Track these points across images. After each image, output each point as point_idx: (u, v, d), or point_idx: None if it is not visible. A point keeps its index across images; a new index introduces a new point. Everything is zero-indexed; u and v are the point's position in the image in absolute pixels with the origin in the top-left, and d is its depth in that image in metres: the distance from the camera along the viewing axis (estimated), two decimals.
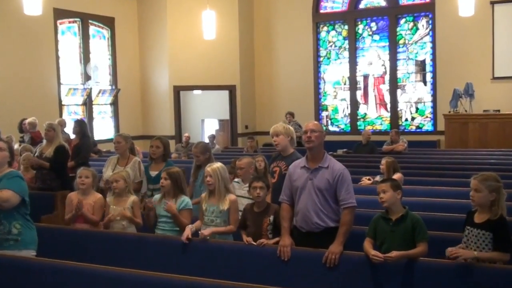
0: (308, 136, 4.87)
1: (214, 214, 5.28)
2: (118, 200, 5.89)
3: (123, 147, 7.23)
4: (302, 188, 4.85)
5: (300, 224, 4.86)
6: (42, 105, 14.21)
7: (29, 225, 4.85)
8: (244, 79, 17.97)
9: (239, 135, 17.97)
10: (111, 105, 17.15)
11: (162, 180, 5.58)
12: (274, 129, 5.91)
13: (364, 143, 13.17)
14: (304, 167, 4.91)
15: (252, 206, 5.28)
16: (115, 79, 17.12)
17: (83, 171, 6.13)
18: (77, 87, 15.75)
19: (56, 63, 14.92)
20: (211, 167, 5.37)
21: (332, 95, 18.03)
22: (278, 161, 5.88)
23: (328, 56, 17.97)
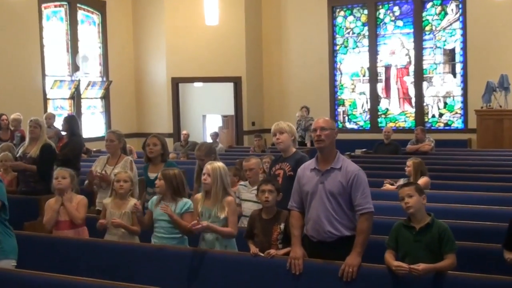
0: (318, 134, 4.85)
1: (211, 219, 5.28)
2: (118, 203, 5.91)
3: (115, 146, 7.26)
4: (312, 193, 4.84)
5: (311, 233, 4.85)
6: (24, 99, 14.28)
7: (8, 232, 4.88)
8: (250, 70, 17.98)
9: (245, 132, 17.98)
10: (102, 99, 17.21)
11: (156, 181, 5.63)
12: (279, 126, 5.97)
13: (385, 142, 13.15)
14: (314, 170, 4.90)
15: (260, 212, 5.28)
16: (106, 70, 17.17)
17: (59, 171, 6.18)
18: (64, 79, 15.81)
19: (40, 52, 14.99)
20: (212, 165, 5.38)
21: (350, 88, 18.01)
22: (281, 163, 5.90)
23: (345, 44, 17.95)
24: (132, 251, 5.45)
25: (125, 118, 17.51)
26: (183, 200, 5.57)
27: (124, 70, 17.64)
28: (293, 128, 6.01)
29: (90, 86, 16.50)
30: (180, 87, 17.94)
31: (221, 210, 5.26)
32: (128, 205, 5.86)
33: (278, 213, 5.21)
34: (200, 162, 6.66)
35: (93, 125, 16.90)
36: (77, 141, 9.44)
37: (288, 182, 5.39)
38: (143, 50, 17.78)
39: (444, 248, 4.38)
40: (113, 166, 7.10)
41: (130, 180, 5.96)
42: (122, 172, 6.13)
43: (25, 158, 8.15)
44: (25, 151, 8.22)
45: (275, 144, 6.00)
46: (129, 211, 5.82)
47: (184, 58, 17.28)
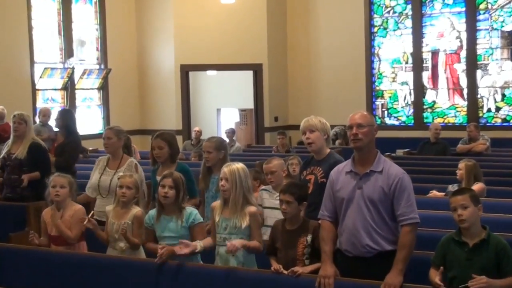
0: (354, 133, 4.84)
1: (227, 230, 5.29)
2: (119, 212, 5.94)
3: (114, 144, 7.26)
4: (348, 200, 4.84)
5: (346, 247, 4.85)
6: (10, 89, 14.34)
7: None
8: (273, 56, 17.97)
9: (267, 129, 17.98)
10: (99, 90, 17.30)
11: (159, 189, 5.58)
12: (309, 122, 5.86)
13: (432, 141, 13.09)
14: (351, 173, 4.90)
15: (284, 222, 5.29)
16: (104, 56, 17.26)
17: (57, 178, 6.17)
18: (56, 66, 15.91)
19: (28, 36, 15.07)
20: (229, 167, 5.37)
21: (390, 77, 17.94)
22: (313, 167, 5.86)
23: (385, 25, 17.88)
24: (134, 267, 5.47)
25: (126, 112, 17.58)
26: (187, 210, 5.55)
27: (125, 56, 17.70)
28: (326, 125, 5.88)
29: (86, 75, 16.58)
30: (190, 76, 17.98)
31: (242, 220, 5.25)
32: (130, 214, 5.88)
33: (304, 223, 5.20)
34: (207, 155, 6.65)
35: (89, 121, 16.97)
36: (76, 142, 9.50)
37: (320, 190, 5.35)
38: (148, 33, 17.84)
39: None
40: (115, 169, 7.10)
41: (135, 186, 5.96)
42: (126, 176, 6.08)
43: (9, 159, 8.15)
44: (10, 151, 8.22)
45: (305, 144, 5.94)
46: (130, 222, 5.84)
47: (195, 42, 17.30)
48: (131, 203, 5.95)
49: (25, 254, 5.93)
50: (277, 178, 6.41)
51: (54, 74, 15.66)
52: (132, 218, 5.84)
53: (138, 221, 5.87)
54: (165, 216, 5.54)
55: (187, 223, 5.47)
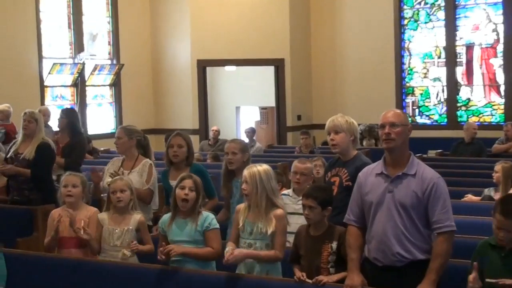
0: (387, 132, 4.82)
1: (252, 235, 5.29)
2: (117, 219, 5.95)
3: (124, 144, 7.31)
4: (377, 204, 4.82)
5: (375, 255, 4.84)
6: (17, 86, 14.42)
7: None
8: (296, 50, 17.95)
9: (289, 129, 17.97)
10: (111, 87, 17.37)
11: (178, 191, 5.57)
12: (333, 123, 5.85)
13: (467, 141, 13.02)
14: (381, 175, 4.88)
15: (308, 228, 5.28)
16: (116, 51, 17.32)
17: (69, 177, 6.23)
18: (65, 61, 15.99)
19: (36, 29, 15.15)
20: (249, 169, 5.39)
21: (421, 73, 17.87)
22: (338, 168, 5.85)
23: (416, 17, 17.81)
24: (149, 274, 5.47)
25: (139, 110, 17.63)
26: (202, 215, 5.54)
27: (139, 51, 17.76)
28: (353, 125, 5.86)
29: (97, 71, 16.65)
30: (208, 72, 18.01)
31: (267, 225, 5.24)
32: (132, 220, 5.90)
33: (329, 229, 5.20)
34: (231, 156, 6.59)
35: (100, 119, 17.05)
36: (83, 143, 9.56)
37: (344, 193, 5.36)
38: (163, 26, 17.88)
39: None
40: (129, 170, 7.14)
41: (128, 188, 5.99)
42: (117, 180, 6.12)
43: (17, 160, 8.18)
44: (18, 151, 8.27)
45: (330, 146, 5.92)
46: (133, 228, 5.86)
47: (213, 36, 17.32)
48: (129, 207, 5.98)
49: (33, 260, 5.95)
50: (305, 182, 6.39)
51: (63, 70, 15.73)
52: (136, 225, 5.88)
53: (143, 226, 5.93)
54: (179, 219, 5.54)
55: (201, 227, 5.46)
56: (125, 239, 5.84)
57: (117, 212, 5.97)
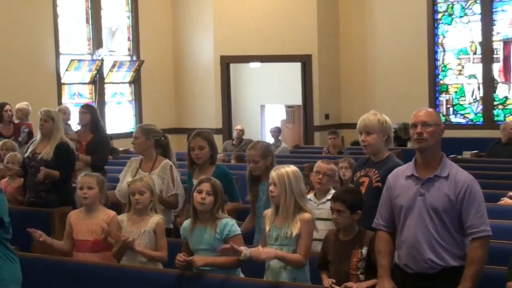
0: (418, 132, 4.80)
1: (278, 241, 5.29)
2: (136, 220, 5.98)
3: (141, 144, 7.31)
4: (408, 208, 4.81)
5: (406, 262, 4.82)
6: (33, 83, 14.55)
7: (9, 255, 4.96)
8: (324, 46, 17.92)
9: (316, 128, 17.95)
10: (131, 84, 17.44)
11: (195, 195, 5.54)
12: (365, 123, 5.82)
13: (504, 142, 12.93)
14: (412, 177, 4.87)
15: (337, 233, 5.29)
16: (136, 46, 17.39)
17: (84, 179, 6.25)
18: (83, 58, 16.09)
19: (53, 24, 15.26)
20: (277, 171, 5.38)
21: (456, 70, 17.78)
22: (368, 169, 5.84)
23: (450, 11, 17.72)
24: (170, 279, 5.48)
25: (160, 109, 17.70)
26: (222, 221, 5.52)
27: (160, 46, 17.82)
28: (386, 124, 5.82)
29: (116, 68, 16.73)
30: (231, 69, 18.04)
31: (293, 229, 5.24)
32: (150, 221, 5.92)
33: (359, 234, 5.19)
34: (252, 165, 6.62)
35: (119, 118, 17.14)
36: (107, 139, 9.59)
37: (374, 195, 5.35)
38: (184, 21, 17.92)
39: None
40: (149, 171, 7.13)
41: (148, 189, 6.00)
42: (137, 181, 6.12)
43: (34, 160, 8.23)
44: (35, 151, 8.32)
45: (362, 146, 5.91)
46: (151, 230, 5.88)
47: (237, 31, 17.34)
48: (148, 208, 5.99)
49: (50, 264, 5.99)
50: (327, 183, 6.37)
51: (81, 66, 15.82)
52: (154, 226, 5.89)
53: (160, 230, 5.91)
54: (199, 226, 5.54)
55: (221, 235, 5.44)
56: (142, 241, 5.85)
57: (136, 213, 6.00)
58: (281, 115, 20.53)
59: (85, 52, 16.29)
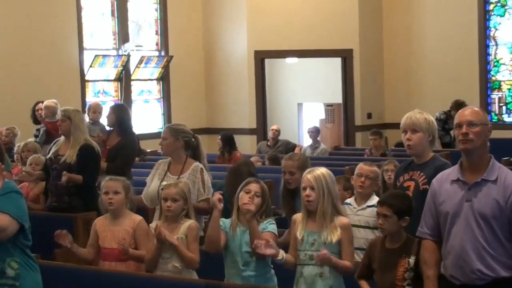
0: (464, 132, 4.79)
1: (315, 246, 5.29)
2: (168, 228, 5.99)
3: (170, 145, 7.34)
4: (454, 215, 4.80)
5: (452, 273, 4.81)
6: (55, 80, 14.67)
7: (30, 263, 5.01)
8: (366, 39, 17.88)
9: (358, 128, 17.92)
10: (159, 81, 17.53)
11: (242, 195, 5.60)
12: (411, 120, 5.81)
13: None
14: (458, 181, 4.86)
15: (383, 240, 5.30)
16: (165, 41, 17.46)
17: (109, 183, 6.29)
18: (108, 53, 16.20)
19: (76, 17, 15.37)
20: (313, 173, 5.39)
21: (509, 65, 17.66)
22: (412, 172, 5.83)
23: (503, 2, 17.59)
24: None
25: (190, 107, 17.75)
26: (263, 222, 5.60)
27: (190, 41, 17.87)
28: (432, 124, 5.82)
29: (144, 63, 16.80)
30: (266, 65, 18.05)
31: (332, 234, 5.26)
32: (182, 227, 5.95)
33: (408, 242, 5.20)
34: (288, 177, 6.58)
35: (147, 117, 17.20)
36: (133, 144, 9.58)
37: (421, 200, 5.32)
38: (216, 14, 17.97)
39: None
40: (178, 175, 7.17)
41: (182, 197, 6.01)
42: (171, 186, 6.12)
43: (57, 162, 8.28)
44: (58, 153, 8.37)
45: (405, 146, 5.90)
46: (184, 236, 5.91)
47: (272, 24, 17.33)
48: (180, 216, 6.01)
49: (73, 273, 6.05)
50: (369, 187, 6.38)
51: (106, 62, 15.92)
52: (186, 231, 5.91)
53: (192, 233, 5.94)
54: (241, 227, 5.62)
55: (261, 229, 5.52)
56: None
57: (167, 220, 6.02)
58: (319, 114, 20.52)
59: (110, 47, 16.40)
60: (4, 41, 14.02)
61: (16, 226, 4.79)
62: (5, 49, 14.01)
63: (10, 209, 4.76)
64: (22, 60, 14.24)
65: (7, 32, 14.03)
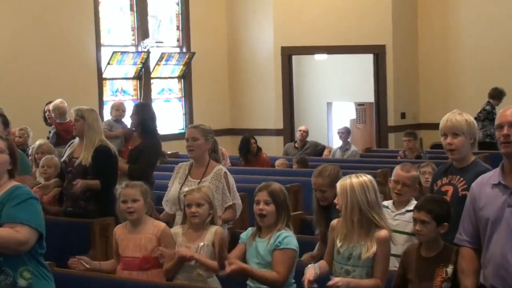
0: (505, 133, 4.77)
1: (351, 261, 5.25)
2: (193, 235, 6.00)
3: (201, 147, 7.29)
4: (494, 221, 4.77)
5: (493, 283, 4.78)
6: (71, 78, 14.77)
7: (43, 273, 5.00)
8: (399, 35, 17.84)
9: (391, 129, 17.88)
10: (181, 79, 17.57)
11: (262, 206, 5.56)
12: (452, 123, 5.74)
13: None
14: (499, 185, 4.83)
15: (419, 248, 5.27)
16: (187, 37, 17.50)
17: (126, 191, 6.24)
18: (127, 49, 16.27)
19: (93, 12, 15.45)
20: (342, 182, 5.30)
21: None
22: (451, 176, 5.78)
23: None
24: None
25: (213, 107, 17.78)
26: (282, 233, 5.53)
27: (213, 37, 17.90)
28: (473, 125, 5.75)
29: (164, 61, 16.85)
30: (294, 62, 18.07)
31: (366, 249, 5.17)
32: (208, 235, 5.94)
33: (445, 250, 5.17)
34: (319, 195, 6.48)
35: (167, 117, 17.19)
36: (157, 146, 9.57)
37: (460, 206, 5.27)
38: (240, 8, 18.00)
39: None
40: (199, 179, 7.16)
41: (206, 201, 5.99)
42: (194, 191, 6.10)
43: (71, 165, 8.26)
44: (73, 155, 8.35)
45: (445, 151, 5.84)
46: (210, 243, 5.90)
47: (300, 19, 17.35)
48: (206, 222, 6.00)
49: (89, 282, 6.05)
50: (407, 194, 6.32)
51: (124, 59, 15.98)
52: (212, 238, 5.89)
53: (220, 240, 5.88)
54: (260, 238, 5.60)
55: (271, 246, 5.47)
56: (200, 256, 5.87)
57: (191, 227, 6.02)
58: (350, 114, 20.49)
59: (129, 43, 16.47)
60: (17, 37, 14.11)
61: (36, 237, 4.79)
62: (18, 45, 14.12)
63: (29, 219, 4.75)
64: (36, 57, 14.31)
65: (20, 28, 14.11)
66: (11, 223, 4.69)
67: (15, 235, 4.67)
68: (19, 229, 4.68)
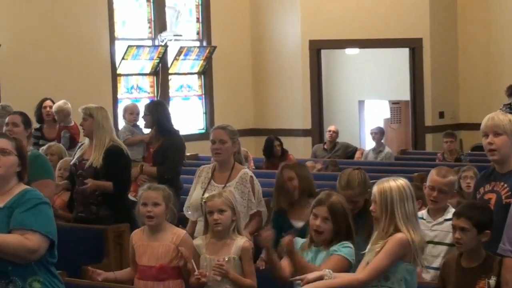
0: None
1: None
2: (216, 246, 5.99)
3: (228, 150, 7.29)
4: None
5: None
6: (83, 74, 14.83)
7: (54, 283, 5.02)
8: (437, 28, 17.81)
9: (428, 129, 17.85)
10: (201, 76, 17.59)
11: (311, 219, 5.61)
12: (493, 121, 5.73)
13: None
14: None
15: (459, 258, 5.28)
16: (207, 30, 17.52)
17: (148, 193, 6.21)
18: (143, 43, 16.31)
19: (107, 4, 15.49)
20: (380, 185, 5.24)
21: None
22: (494, 182, 5.76)
23: None
24: None
25: (236, 105, 17.82)
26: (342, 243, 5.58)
27: (235, 29, 17.93)
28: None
29: (183, 55, 16.87)
30: (323, 56, 18.07)
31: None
32: (234, 246, 5.93)
33: (487, 260, 5.18)
34: (352, 207, 6.38)
35: (187, 116, 17.27)
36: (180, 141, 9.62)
37: (504, 214, 5.27)
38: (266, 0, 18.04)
39: None
40: (224, 184, 7.16)
41: (229, 207, 5.98)
42: (214, 197, 6.08)
43: (81, 168, 8.28)
44: (83, 157, 8.37)
45: (486, 151, 5.82)
46: (236, 256, 5.89)
47: (330, 10, 17.35)
48: (230, 230, 5.98)
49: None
50: (443, 200, 6.30)
51: (140, 54, 16.02)
52: (239, 252, 5.89)
53: (247, 255, 5.91)
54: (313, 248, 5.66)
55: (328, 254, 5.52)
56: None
57: (215, 236, 6.00)
58: (384, 113, 20.50)
59: (145, 36, 16.52)
60: (27, 30, 14.17)
61: (47, 244, 4.79)
62: (28, 39, 14.18)
63: (40, 226, 4.75)
64: (46, 51, 14.38)
65: (30, 21, 14.17)
66: (21, 230, 4.69)
67: (25, 243, 4.67)
68: (29, 236, 4.68)
